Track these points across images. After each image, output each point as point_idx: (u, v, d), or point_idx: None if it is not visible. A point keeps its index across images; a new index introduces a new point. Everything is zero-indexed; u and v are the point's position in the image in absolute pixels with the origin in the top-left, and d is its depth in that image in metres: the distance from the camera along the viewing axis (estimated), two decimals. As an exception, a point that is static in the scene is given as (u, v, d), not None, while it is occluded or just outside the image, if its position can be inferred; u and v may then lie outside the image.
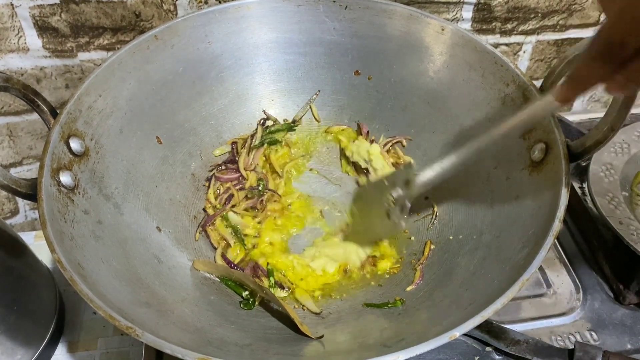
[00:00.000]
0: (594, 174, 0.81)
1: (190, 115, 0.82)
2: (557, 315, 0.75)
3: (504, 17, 1.02)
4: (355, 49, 0.85)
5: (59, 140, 0.62)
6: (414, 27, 0.81)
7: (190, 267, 0.71)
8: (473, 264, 0.65)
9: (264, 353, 0.58)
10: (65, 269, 0.52)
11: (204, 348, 0.53)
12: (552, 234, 0.55)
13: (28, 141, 1.01)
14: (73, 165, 0.64)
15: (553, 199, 0.59)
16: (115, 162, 0.70)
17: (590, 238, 0.83)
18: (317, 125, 0.90)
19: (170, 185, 0.78)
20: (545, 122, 0.65)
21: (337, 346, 0.61)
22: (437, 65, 0.80)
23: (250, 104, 0.88)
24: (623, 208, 0.76)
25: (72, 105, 0.66)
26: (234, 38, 0.83)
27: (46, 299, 0.76)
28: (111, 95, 0.71)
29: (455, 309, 0.58)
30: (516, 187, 0.67)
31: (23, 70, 0.92)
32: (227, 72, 0.84)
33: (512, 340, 0.69)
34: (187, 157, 0.81)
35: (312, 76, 0.88)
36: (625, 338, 0.73)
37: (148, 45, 0.76)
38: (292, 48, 0.86)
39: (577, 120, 0.99)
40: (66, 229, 0.58)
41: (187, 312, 0.62)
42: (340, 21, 0.83)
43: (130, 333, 0.48)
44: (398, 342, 0.55)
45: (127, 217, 0.69)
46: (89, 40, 0.92)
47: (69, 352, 0.77)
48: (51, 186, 0.59)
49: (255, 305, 0.68)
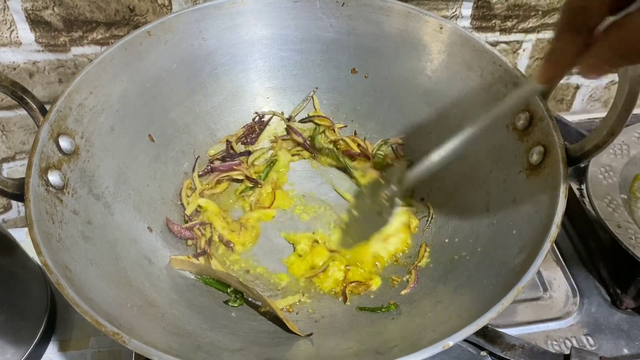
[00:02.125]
0: (593, 176, 0.80)
1: (183, 113, 0.81)
2: (553, 319, 0.74)
3: (504, 15, 1.00)
4: (352, 46, 0.84)
5: (48, 138, 0.61)
6: (411, 25, 0.79)
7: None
8: (468, 269, 0.64)
9: (255, 358, 0.57)
10: (52, 272, 0.51)
11: (193, 354, 0.52)
12: (549, 240, 0.54)
13: (21, 136, 1.00)
14: (62, 165, 0.62)
15: (550, 203, 0.58)
16: (106, 160, 0.69)
17: (587, 241, 0.82)
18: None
19: (162, 184, 0.77)
20: (544, 125, 0.64)
21: (329, 351, 0.60)
22: (435, 65, 0.79)
23: (245, 102, 0.86)
24: (621, 211, 0.75)
25: (62, 102, 0.64)
26: (229, 34, 0.81)
27: (37, 297, 0.75)
28: (102, 92, 0.70)
29: (450, 315, 0.57)
30: (513, 190, 0.66)
31: (15, 64, 0.91)
32: (221, 69, 0.83)
33: (507, 345, 0.68)
34: (180, 155, 0.80)
35: (308, 74, 0.86)
36: (622, 343, 0.72)
37: (141, 41, 0.74)
38: (288, 45, 0.85)
39: (577, 120, 0.98)
40: (54, 230, 0.57)
41: (177, 315, 0.61)
42: (337, 18, 0.82)
43: (117, 339, 0.47)
44: (391, 349, 0.54)
45: (118, 217, 0.68)
46: (82, 35, 0.91)
47: (60, 351, 0.77)
48: (39, 186, 0.58)
49: (242, 303, 0.68)
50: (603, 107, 1.18)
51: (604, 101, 1.16)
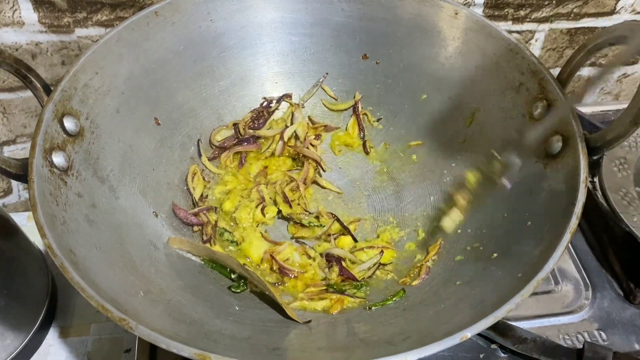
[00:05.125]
0: (607, 168, 0.78)
1: (190, 96, 0.79)
2: (565, 314, 0.73)
3: (517, 4, 0.99)
4: (364, 31, 0.82)
5: (52, 119, 0.59)
6: (425, 10, 0.77)
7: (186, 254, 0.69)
8: (482, 260, 0.63)
9: (263, 347, 0.56)
10: (56, 255, 0.49)
11: (200, 342, 0.51)
12: (570, 231, 0.53)
13: (22, 119, 0.98)
14: (67, 146, 0.61)
15: (570, 194, 0.57)
16: (111, 143, 0.67)
17: (600, 234, 0.80)
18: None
19: (168, 168, 0.75)
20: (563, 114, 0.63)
21: (338, 342, 0.59)
22: (449, 51, 0.77)
23: (253, 86, 0.84)
24: (637, 204, 0.73)
25: (66, 82, 0.63)
26: (238, 16, 0.79)
27: (38, 282, 0.74)
28: (108, 73, 0.68)
29: (464, 308, 0.56)
30: (530, 180, 0.65)
31: (18, 45, 0.89)
32: (229, 52, 0.81)
33: (518, 338, 0.67)
34: (187, 139, 0.79)
35: (318, 59, 0.85)
36: (634, 338, 0.71)
37: (148, 21, 0.72)
38: (298, 29, 0.83)
39: (589, 112, 0.96)
40: (58, 212, 0.55)
41: (183, 302, 0.59)
42: (348, 2, 0.80)
43: (123, 325, 0.46)
44: (404, 340, 0.53)
45: (123, 201, 0.66)
46: (86, 16, 0.89)
47: (60, 337, 0.76)
48: (43, 167, 0.56)
49: (244, 289, 0.66)
50: (614, 100, 1.16)
51: (616, 94, 1.15)
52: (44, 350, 0.74)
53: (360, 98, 0.85)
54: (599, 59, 1.09)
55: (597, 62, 1.10)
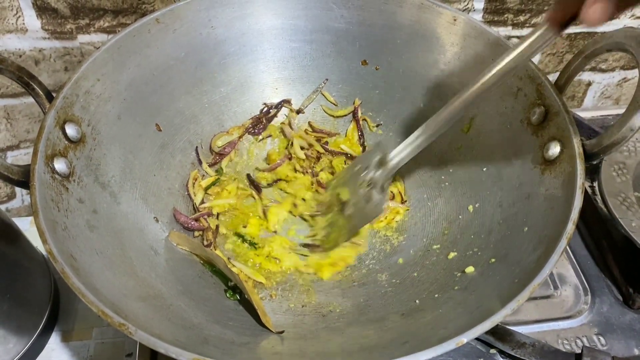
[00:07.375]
0: (606, 173, 0.78)
1: (191, 103, 0.79)
2: (564, 318, 0.73)
3: (517, 9, 0.99)
4: (363, 37, 0.82)
5: (54, 125, 0.60)
6: (424, 17, 0.78)
7: (187, 256, 0.69)
8: (480, 265, 0.63)
9: (263, 353, 0.56)
10: (57, 260, 0.50)
11: (200, 347, 0.51)
12: (566, 236, 0.53)
13: (26, 124, 0.99)
14: (68, 152, 0.61)
15: (567, 199, 0.57)
16: (112, 149, 0.68)
17: (599, 239, 0.81)
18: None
19: (169, 174, 0.76)
20: (560, 119, 0.63)
21: (337, 347, 0.59)
22: (447, 57, 0.78)
23: (254, 92, 0.85)
24: (635, 209, 0.74)
25: (68, 89, 0.63)
26: (239, 23, 0.80)
27: (40, 286, 0.75)
28: (110, 79, 0.69)
29: (461, 312, 0.56)
30: (527, 186, 0.65)
31: (21, 51, 0.90)
32: (230, 58, 0.82)
33: (517, 343, 0.67)
34: (187, 145, 0.79)
35: (318, 65, 0.85)
36: (633, 343, 0.71)
37: (149, 28, 0.73)
38: (298, 35, 0.83)
39: (589, 116, 0.97)
40: (59, 218, 0.56)
41: (183, 307, 0.60)
42: (348, 8, 0.81)
43: (123, 330, 0.46)
44: (402, 345, 0.53)
45: (124, 207, 0.66)
46: (89, 22, 0.90)
47: (62, 341, 0.76)
48: (45, 173, 0.57)
49: (237, 298, 0.67)
50: (614, 104, 1.16)
51: (615, 98, 1.15)
52: (46, 354, 0.74)
53: (360, 104, 0.86)
54: (598, 64, 1.10)
55: (597, 67, 1.10)
